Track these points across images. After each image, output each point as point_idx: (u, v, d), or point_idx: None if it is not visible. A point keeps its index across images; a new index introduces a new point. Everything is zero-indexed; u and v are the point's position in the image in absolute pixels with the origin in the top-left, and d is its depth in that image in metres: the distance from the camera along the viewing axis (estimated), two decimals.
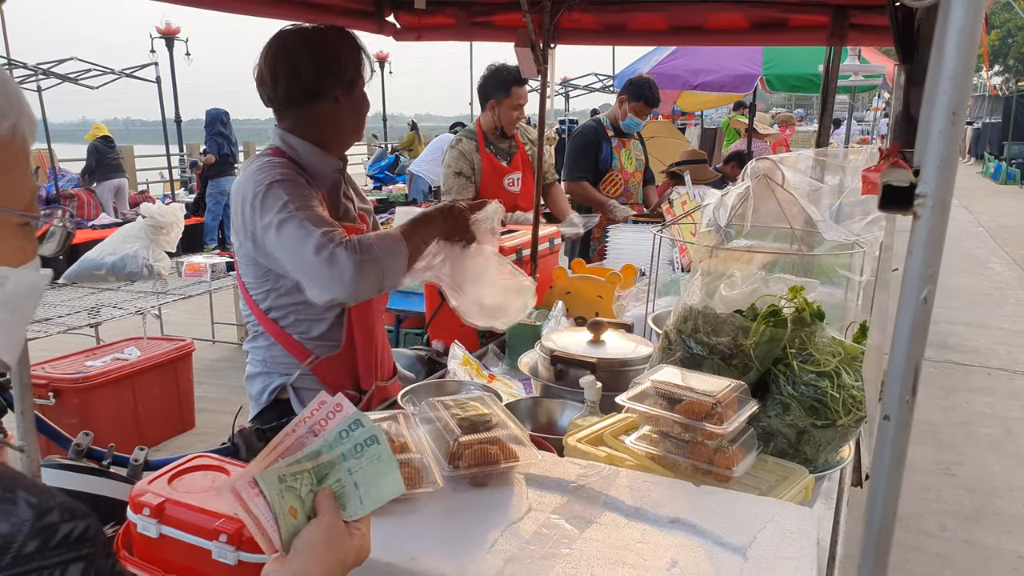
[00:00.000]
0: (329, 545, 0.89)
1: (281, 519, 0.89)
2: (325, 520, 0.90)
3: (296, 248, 1.67)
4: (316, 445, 0.94)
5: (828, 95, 3.01)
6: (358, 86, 1.97)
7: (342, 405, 0.95)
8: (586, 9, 2.72)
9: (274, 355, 2.00)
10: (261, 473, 0.89)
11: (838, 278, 2.31)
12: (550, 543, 1.17)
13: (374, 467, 0.94)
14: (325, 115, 1.92)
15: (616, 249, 3.75)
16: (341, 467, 0.94)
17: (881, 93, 14.93)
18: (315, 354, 1.97)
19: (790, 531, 1.21)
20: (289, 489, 0.90)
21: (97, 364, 4.25)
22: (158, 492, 1.43)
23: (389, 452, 0.95)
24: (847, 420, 1.58)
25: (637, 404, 1.53)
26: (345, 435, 0.94)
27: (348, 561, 0.91)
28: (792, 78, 8.07)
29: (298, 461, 0.92)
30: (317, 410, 0.95)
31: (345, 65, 1.91)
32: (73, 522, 0.58)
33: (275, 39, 1.89)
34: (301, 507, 0.91)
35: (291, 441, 0.94)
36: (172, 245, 5.72)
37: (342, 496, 0.94)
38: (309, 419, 0.95)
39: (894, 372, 0.74)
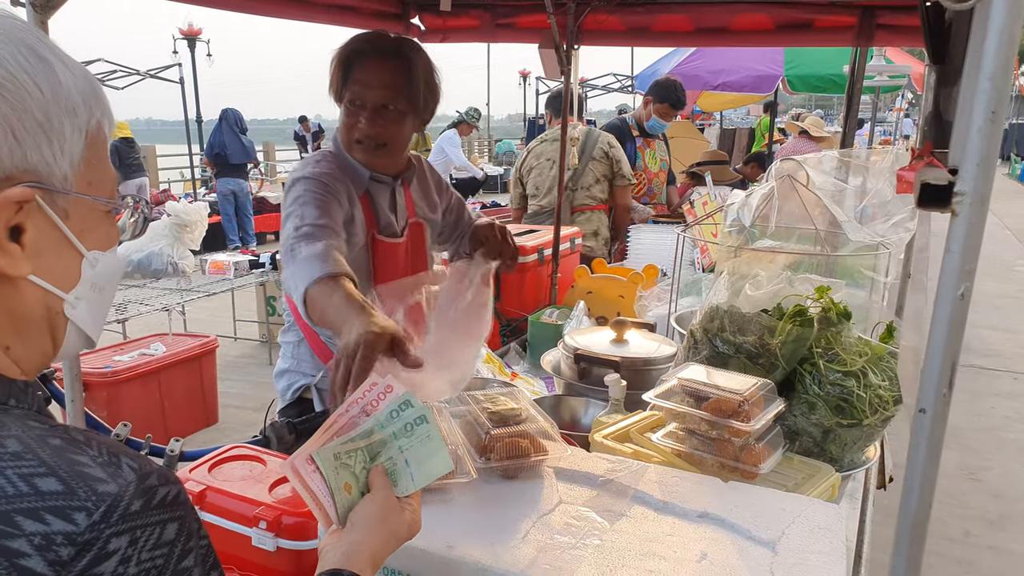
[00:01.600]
0: (383, 519, 0.94)
1: (337, 495, 0.93)
2: (379, 495, 0.95)
3: (282, 241, 1.71)
4: (368, 424, 0.98)
5: (854, 96, 3.01)
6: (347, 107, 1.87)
7: (392, 387, 0.99)
8: (611, 11, 2.74)
9: (301, 353, 2.03)
10: (318, 451, 0.94)
11: (862, 279, 2.31)
12: (581, 534, 1.19)
13: (424, 445, 0.98)
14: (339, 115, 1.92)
15: (637, 249, 3.76)
16: (392, 445, 0.98)
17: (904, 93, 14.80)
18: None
19: (819, 526, 1.22)
20: (344, 466, 0.94)
21: (124, 359, 4.31)
22: (199, 480, 1.47)
23: (438, 431, 0.98)
24: (874, 420, 1.59)
25: (664, 401, 1.55)
26: (395, 415, 0.98)
27: (401, 534, 0.96)
28: (814, 79, 8.01)
29: (352, 440, 0.97)
30: (368, 391, 0.99)
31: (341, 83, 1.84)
32: (168, 486, 0.62)
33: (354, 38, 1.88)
34: (355, 483, 0.96)
35: (344, 421, 0.98)
36: (196, 243, 5.79)
37: (394, 473, 0.98)
38: (361, 400, 0.99)
39: (931, 366, 0.76)
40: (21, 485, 0.56)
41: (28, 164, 0.63)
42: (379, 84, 1.80)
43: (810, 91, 8.63)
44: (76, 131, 0.67)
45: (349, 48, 1.82)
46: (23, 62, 0.63)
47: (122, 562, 0.56)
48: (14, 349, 0.67)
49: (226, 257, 5.88)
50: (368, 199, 1.93)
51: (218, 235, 9.98)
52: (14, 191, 0.62)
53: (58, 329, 0.71)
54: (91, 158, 0.70)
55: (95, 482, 0.58)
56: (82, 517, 0.55)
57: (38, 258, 0.66)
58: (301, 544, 1.39)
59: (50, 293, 0.69)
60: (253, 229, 10.95)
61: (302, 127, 17.06)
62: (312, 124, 17.04)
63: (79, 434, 0.63)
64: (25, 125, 0.62)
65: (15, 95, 0.62)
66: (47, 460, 0.58)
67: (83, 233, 0.70)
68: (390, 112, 1.83)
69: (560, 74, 2.88)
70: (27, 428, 0.61)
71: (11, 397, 0.65)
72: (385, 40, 1.85)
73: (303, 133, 16.98)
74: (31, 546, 0.54)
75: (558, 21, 2.70)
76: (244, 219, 10.79)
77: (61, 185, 0.66)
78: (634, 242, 3.78)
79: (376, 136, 1.85)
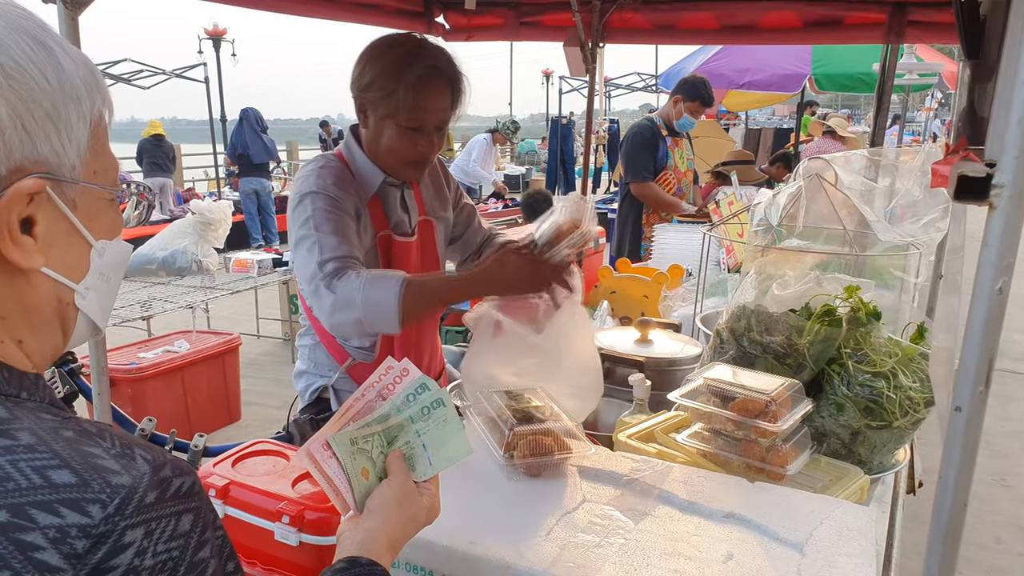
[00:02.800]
0: (401, 504, 0.93)
1: (354, 480, 0.93)
2: (397, 481, 0.94)
3: (301, 267, 1.70)
4: (384, 409, 0.97)
5: (884, 94, 2.96)
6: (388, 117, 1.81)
7: (408, 370, 0.98)
8: (636, 8, 2.72)
9: (318, 355, 2.04)
10: (334, 436, 0.93)
11: (892, 279, 2.27)
12: (605, 533, 1.18)
13: (441, 429, 0.97)
14: (372, 128, 1.86)
15: (661, 249, 3.73)
16: (409, 429, 0.97)
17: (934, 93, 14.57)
18: (352, 357, 1.99)
19: (848, 528, 1.20)
20: (361, 451, 0.94)
21: (149, 356, 4.36)
22: (223, 474, 1.47)
23: (455, 415, 0.97)
24: (904, 422, 1.56)
25: (690, 401, 1.53)
26: (412, 398, 0.97)
27: (419, 520, 0.95)
28: (842, 77, 7.90)
29: (368, 424, 0.96)
30: (384, 375, 0.98)
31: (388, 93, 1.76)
32: (183, 477, 0.61)
33: (378, 40, 1.83)
34: (373, 468, 0.95)
35: (361, 405, 0.98)
36: (220, 241, 5.84)
37: (411, 457, 0.97)
38: (377, 384, 0.98)
39: (967, 363, 0.74)
40: (34, 477, 0.55)
41: (38, 155, 0.63)
42: (437, 107, 1.78)
43: (838, 90, 8.52)
44: (81, 119, 0.67)
45: (410, 71, 1.72)
46: (28, 51, 0.63)
47: (138, 554, 0.56)
48: (27, 342, 0.67)
49: (250, 255, 5.93)
50: (379, 201, 1.92)
51: (242, 234, 10.06)
52: (26, 183, 0.62)
53: (68, 320, 0.71)
54: (95, 146, 0.69)
55: (109, 474, 0.57)
56: (96, 509, 0.55)
57: (49, 250, 0.66)
58: (323, 539, 1.40)
59: (61, 285, 0.69)
60: (276, 228, 11.04)
61: (323, 131, 17.23)
62: (333, 129, 17.19)
63: (92, 426, 0.63)
64: (34, 115, 0.62)
65: (24, 85, 0.61)
66: (60, 452, 0.57)
67: (90, 223, 0.70)
68: (441, 132, 1.83)
69: (585, 72, 2.87)
70: (40, 420, 0.60)
71: (23, 390, 0.64)
72: (442, 60, 1.79)
73: (326, 137, 17.15)
74: (45, 539, 0.53)
75: (583, 19, 2.69)
76: (267, 218, 10.88)
77: (70, 175, 0.66)
78: (659, 242, 3.75)
79: (431, 158, 1.86)
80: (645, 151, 4.45)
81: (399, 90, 1.72)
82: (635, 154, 4.48)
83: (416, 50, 1.77)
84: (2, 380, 0.63)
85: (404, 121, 1.77)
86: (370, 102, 1.80)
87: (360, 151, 1.89)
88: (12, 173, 0.61)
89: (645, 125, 4.56)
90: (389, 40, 1.81)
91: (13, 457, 0.56)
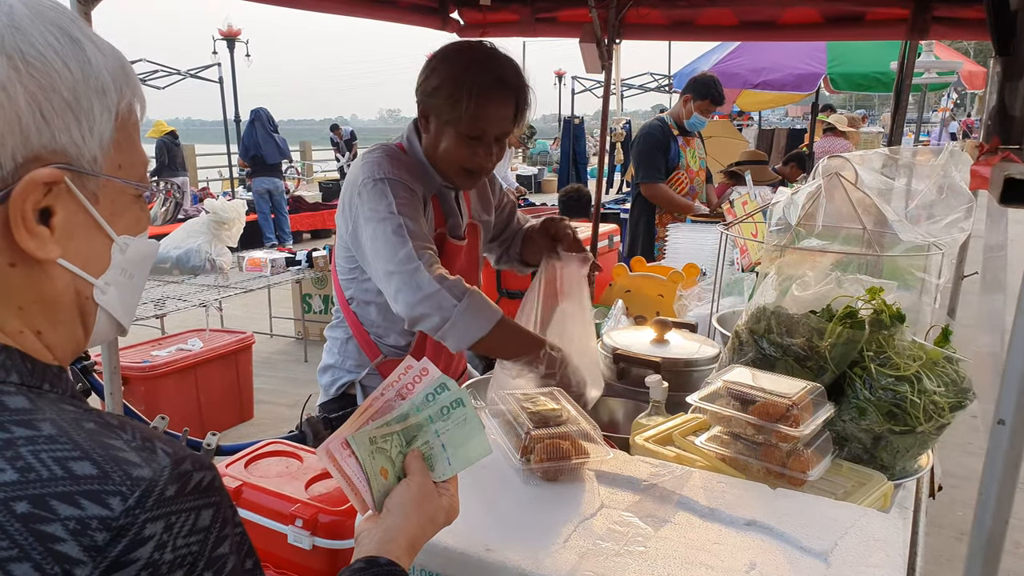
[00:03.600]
0: (420, 504, 0.92)
1: (373, 479, 0.92)
2: (415, 480, 0.94)
3: (386, 250, 1.68)
4: (404, 408, 0.96)
5: (902, 92, 2.92)
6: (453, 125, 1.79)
7: (428, 370, 0.97)
8: (654, 4, 2.69)
9: (349, 350, 2.02)
10: (353, 435, 0.92)
11: (912, 280, 2.23)
12: (624, 540, 1.15)
13: (460, 429, 0.96)
14: (433, 134, 1.84)
15: (675, 249, 3.70)
16: (429, 429, 0.96)
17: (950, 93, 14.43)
18: (384, 355, 1.99)
19: (875, 538, 1.17)
20: (380, 451, 0.93)
21: (162, 354, 4.38)
22: (235, 476, 1.46)
23: (475, 415, 0.96)
24: (928, 426, 1.52)
25: (709, 404, 1.50)
26: (431, 398, 0.96)
27: (438, 520, 0.94)
28: (858, 77, 7.82)
29: (387, 423, 0.95)
30: (404, 374, 0.97)
31: (462, 104, 1.74)
32: (203, 472, 0.61)
33: (447, 46, 1.83)
34: (392, 468, 0.94)
35: (380, 404, 0.97)
36: (234, 240, 5.85)
37: (430, 457, 0.96)
38: (396, 383, 0.97)
39: (1011, 374, 0.70)
40: (56, 468, 0.55)
41: (56, 144, 0.62)
42: (500, 118, 1.77)
43: (853, 89, 8.43)
44: (106, 112, 0.66)
45: (476, 80, 1.71)
46: (53, 42, 0.62)
47: (158, 548, 0.55)
48: (46, 334, 0.67)
49: (263, 254, 5.94)
50: (437, 201, 1.92)
51: (255, 233, 10.11)
52: (42, 172, 0.61)
53: (88, 315, 0.71)
54: (122, 140, 0.68)
55: (130, 466, 0.57)
56: (117, 502, 0.54)
57: (68, 242, 0.65)
58: (337, 543, 1.38)
59: (80, 278, 0.68)
60: (289, 227, 11.08)
61: (335, 134, 17.32)
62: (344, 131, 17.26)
63: (113, 418, 0.62)
64: (53, 104, 0.61)
65: (43, 73, 0.61)
66: (81, 443, 0.57)
67: (113, 217, 0.69)
68: (501, 143, 1.82)
69: (601, 68, 2.84)
70: (61, 412, 0.60)
71: (45, 381, 0.64)
72: (509, 71, 1.77)
73: (337, 140, 17.23)
74: (66, 531, 0.53)
75: (600, 15, 2.67)
76: (280, 217, 10.92)
77: (90, 167, 0.65)
78: (672, 241, 3.73)
79: (489, 169, 1.85)
80: (656, 152, 4.43)
81: (463, 98, 1.70)
82: (646, 155, 4.46)
83: (484, 59, 1.76)
84: (25, 371, 0.63)
85: (465, 130, 1.76)
86: (433, 108, 1.79)
87: (421, 152, 1.88)
88: (29, 162, 0.61)
89: (656, 125, 4.54)
90: (458, 47, 1.81)
91: (35, 448, 0.56)
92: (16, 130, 0.59)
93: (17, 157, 0.60)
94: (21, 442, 0.56)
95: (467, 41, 1.82)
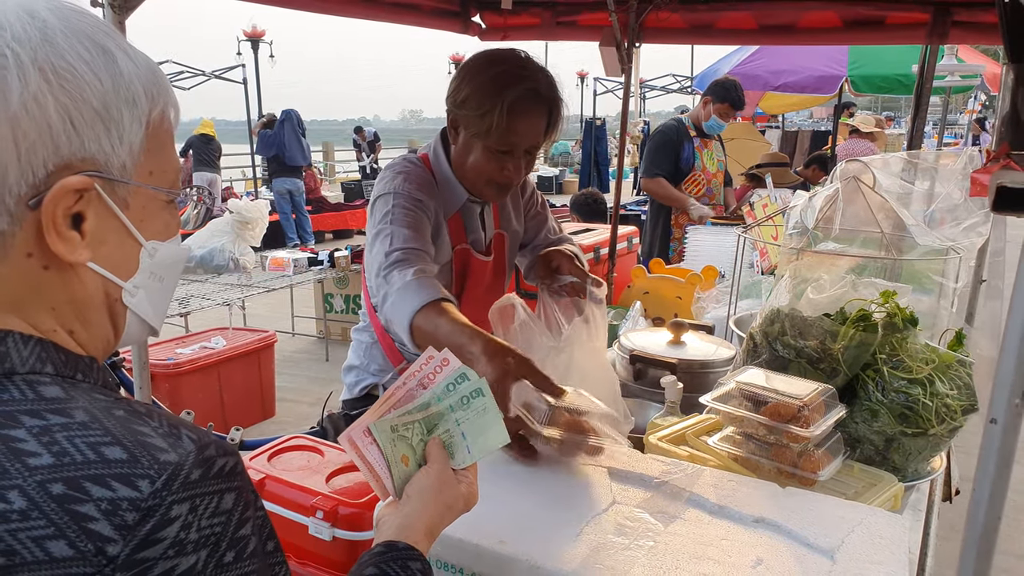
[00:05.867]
0: (439, 491, 0.95)
1: (394, 466, 0.95)
2: (435, 467, 0.96)
3: (371, 262, 1.67)
4: (425, 397, 0.99)
5: (922, 96, 2.91)
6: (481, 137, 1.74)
7: (448, 360, 1.00)
8: (673, 8, 2.71)
9: (373, 353, 2.04)
10: (375, 422, 0.95)
11: (930, 284, 2.23)
12: (635, 535, 1.18)
13: (480, 418, 0.99)
14: (461, 145, 1.80)
15: (694, 250, 3.72)
16: (449, 418, 0.99)
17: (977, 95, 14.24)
18: (407, 360, 1.99)
19: (880, 536, 1.19)
20: (401, 438, 0.96)
21: (186, 352, 4.45)
22: (259, 469, 1.50)
23: (494, 404, 0.99)
24: (940, 429, 1.53)
25: (722, 405, 1.53)
26: (452, 388, 0.99)
27: (457, 507, 0.97)
28: (879, 79, 7.76)
29: (409, 412, 0.98)
30: (425, 364, 1.00)
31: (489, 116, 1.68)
32: (226, 457, 0.64)
33: (478, 55, 1.77)
34: (412, 455, 0.97)
35: (402, 393, 1.00)
36: (257, 240, 5.92)
37: (450, 445, 0.99)
38: (418, 373, 1.00)
39: (1004, 374, 0.73)
40: (88, 453, 0.59)
41: (86, 152, 0.65)
42: (531, 132, 1.72)
43: (875, 92, 8.36)
44: (136, 121, 0.68)
45: (508, 93, 1.65)
46: (84, 54, 0.65)
47: (183, 528, 0.59)
48: (77, 333, 0.70)
49: (286, 254, 6.01)
50: (460, 217, 1.89)
51: (278, 233, 10.21)
52: (73, 179, 0.64)
53: (118, 316, 0.74)
54: (153, 147, 0.71)
55: (157, 451, 0.60)
56: (145, 484, 0.58)
57: (98, 246, 0.68)
58: (356, 534, 1.42)
59: (109, 281, 0.71)
60: (311, 227, 11.18)
61: (358, 136, 17.43)
62: (368, 132, 17.37)
63: (141, 407, 0.66)
64: (83, 114, 0.64)
65: (73, 85, 0.64)
66: (112, 430, 0.61)
67: (142, 223, 0.72)
68: (531, 157, 1.79)
69: (621, 72, 2.86)
70: (93, 400, 0.64)
71: (78, 371, 0.68)
72: (542, 83, 1.72)
73: (360, 142, 17.34)
74: (98, 511, 0.57)
75: (620, 19, 2.69)
76: (301, 217, 11.03)
77: (120, 174, 0.68)
78: (692, 243, 3.74)
79: (517, 183, 1.82)
80: (663, 149, 4.46)
81: (494, 111, 1.65)
82: (652, 151, 4.50)
83: (517, 71, 1.70)
84: (59, 362, 0.66)
85: (495, 143, 1.71)
86: (463, 119, 1.74)
87: (447, 164, 1.84)
88: (60, 169, 0.64)
89: (671, 125, 4.55)
90: (489, 56, 1.75)
91: (69, 433, 0.59)
92: (47, 139, 0.62)
93: (49, 165, 0.63)
94: (56, 428, 0.60)
95: (499, 49, 1.77)
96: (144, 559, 0.57)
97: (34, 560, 0.55)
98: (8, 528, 0.55)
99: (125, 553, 0.56)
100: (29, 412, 0.61)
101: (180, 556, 0.58)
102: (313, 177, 12.15)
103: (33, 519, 0.56)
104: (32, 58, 0.62)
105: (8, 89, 0.61)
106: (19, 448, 0.58)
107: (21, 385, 0.63)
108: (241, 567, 0.63)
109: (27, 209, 0.63)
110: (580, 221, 5.06)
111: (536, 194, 2.18)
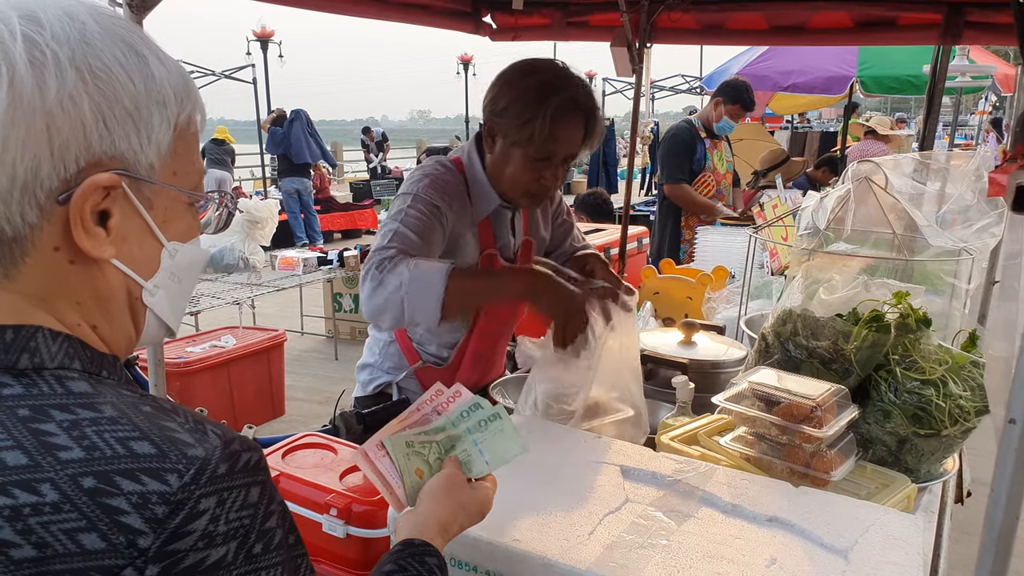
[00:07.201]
0: (449, 491, 0.97)
1: (406, 475, 0.96)
2: (445, 472, 0.99)
3: (373, 247, 1.68)
4: (440, 422, 1.01)
5: (934, 96, 2.90)
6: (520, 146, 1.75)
7: (460, 392, 1.02)
8: (685, 8, 2.71)
9: (389, 352, 2.05)
10: (389, 437, 0.97)
11: (942, 285, 2.22)
12: (648, 534, 1.19)
13: (498, 437, 1.01)
14: (498, 153, 1.81)
15: (704, 251, 3.71)
16: (466, 439, 1.01)
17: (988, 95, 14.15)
18: (423, 360, 2.01)
19: (894, 537, 1.19)
20: (416, 454, 0.98)
21: (196, 350, 4.47)
22: (272, 466, 1.51)
23: (512, 426, 1.01)
24: (953, 430, 1.53)
25: (734, 405, 1.53)
26: (466, 415, 1.01)
27: (470, 509, 0.98)
28: (889, 80, 7.72)
29: (425, 433, 1.00)
30: (437, 395, 1.03)
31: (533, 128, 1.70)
32: (250, 452, 0.65)
33: (516, 65, 1.79)
34: (428, 471, 0.99)
35: (416, 417, 1.02)
36: (267, 239, 5.94)
37: (467, 463, 1.01)
38: (431, 402, 1.03)
39: (1022, 374, 0.73)
40: (118, 448, 0.60)
41: (116, 151, 0.66)
42: (571, 140, 1.74)
43: (885, 93, 8.32)
44: (165, 122, 0.70)
45: (549, 102, 1.67)
46: (119, 56, 0.67)
47: (212, 521, 0.60)
48: (101, 329, 0.71)
49: (295, 253, 6.04)
50: (490, 222, 1.90)
51: (286, 233, 10.24)
52: (102, 176, 0.65)
53: (139, 314, 0.75)
54: (179, 149, 0.73)
55: (184, 446, 0.61)
56: (174, 478, 0.59)
57: (122, 244, 0.70)
58: (370, 532, 1.42)
59: (131, 279, 0.72)
60: (319, 227, 11.20)
61: (366, 137, 17.49)
62: (376, 132, 17.43)
63: (166, 403, 0.67)
64: (115, 113, 0.66)
65: (108, 85, 0.65)
66: (140, 425, 0.62)
67: (165, 224, 0.73)
68: (567, 166, 1.80)
69: (632, 72, 2.86)
70: (120, 396, 0.65)
71: (103, 368, 0.69)
72: (581, 92, 1.73)
73: (368, 142, 17.40)
74: (129, 504, 0.58)
75: (631, 19, 2.69)
76: (309, 217, 11.06)
77: (147, 174, 0.69)
78: (701, 244, 3.73)
79: (553, 192, 1.83)
80: (681, 153, 4.44)
81: (536, 120, 1.67)
82: (670, 156, 4.47)
83: (556, 80, 1.71)
84: (86, 358, 0.68)
85: (535, 152, 1.72)
86: (501, 128, 1.75)
87: (481, 169, 1.84)
88: (91, 166, 0.65)
89: (683, 127, 4.54)
90: (528, 66, 1.76)
91: (98, 428, 0.61)
92: (80, 136, 0.64)
93: (80, 161, 0.64)
94: (86, 423, 0.61)
95: (534, 59, 1.78)
96: (175, 551, 0.58)
97: (66, 552, 0.56)
98: (40, 520, 0.56)
99: (156, 546, 0.57)
100: (59, 407, 0.62)
101: (210, 548, 0.59)
102: (321, 176, 12.17)
103: (65, 512, 0.57)
104: (70, 57, 0.64)
105: (45, 86, 0.62)
106: (50, 442, 0.59)
107: (50, 380, 0.64)
108: (269, 558, 0.64)
109: (56, 204, 0.64)
110: (588, 221, 5.06)
111: (563, 203, 2.19)
